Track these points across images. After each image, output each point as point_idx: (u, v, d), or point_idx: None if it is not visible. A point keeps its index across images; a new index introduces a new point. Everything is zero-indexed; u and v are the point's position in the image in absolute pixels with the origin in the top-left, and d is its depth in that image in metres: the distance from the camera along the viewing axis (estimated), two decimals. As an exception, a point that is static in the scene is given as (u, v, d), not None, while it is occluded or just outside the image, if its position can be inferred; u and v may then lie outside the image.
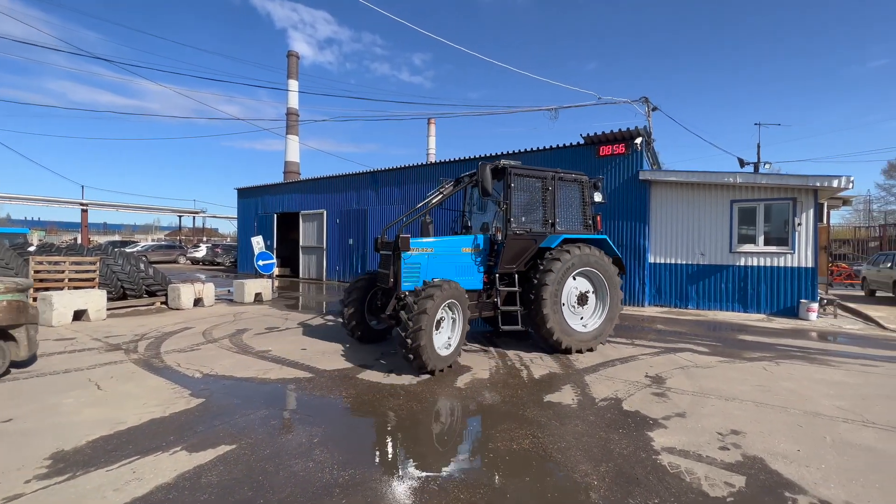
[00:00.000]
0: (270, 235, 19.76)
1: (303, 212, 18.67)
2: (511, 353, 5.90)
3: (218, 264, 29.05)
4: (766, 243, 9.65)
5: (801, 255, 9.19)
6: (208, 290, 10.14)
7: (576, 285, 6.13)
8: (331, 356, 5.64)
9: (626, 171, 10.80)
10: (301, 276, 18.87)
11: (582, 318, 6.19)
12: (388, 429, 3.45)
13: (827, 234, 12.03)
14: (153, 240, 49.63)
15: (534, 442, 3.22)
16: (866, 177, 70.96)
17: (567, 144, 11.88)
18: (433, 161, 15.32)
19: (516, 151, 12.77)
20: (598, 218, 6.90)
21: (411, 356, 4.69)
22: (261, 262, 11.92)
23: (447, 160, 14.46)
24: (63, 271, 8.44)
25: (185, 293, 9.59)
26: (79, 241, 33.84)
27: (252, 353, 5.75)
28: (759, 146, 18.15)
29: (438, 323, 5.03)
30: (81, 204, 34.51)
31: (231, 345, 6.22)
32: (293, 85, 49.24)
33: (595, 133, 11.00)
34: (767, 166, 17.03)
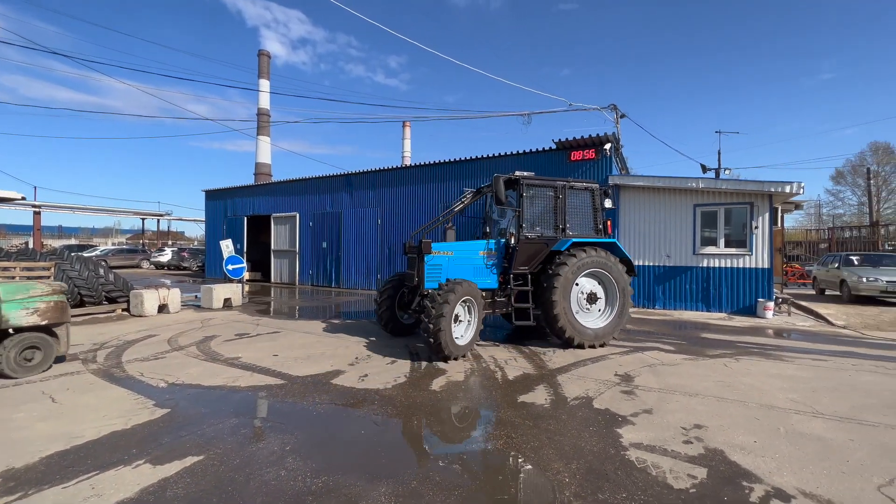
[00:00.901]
0: (240, 239, 19.20)
1: (274, 214, 18.24)
2: (486, 356, 5.95)
3: (184, 269, 27.98)
4: (727, 245, 10.14)
5: (758, 256, 9.71)
6: (174, 296, 9.76)
7: (585, 285, 6.61)
8: (304, 362, 5.54)
9: (596, 175, 11.11)
10: (273, 280, 18.42)
11: (591, 316, 6.63)
12: (362, 433, 3.43)
13: (781, 236, 12.74)
14: (114, 244, 47.30)
15: (508, 442, 3.27)
16: (817, 183, 75.60)
17: (540, 149, 12.12)
18: (408, 164, 15.29)
19: (491, 155, 12.93)
20: (609, 223, 7.23)
21: (432, 340, 5.38)
22: (230, 267, 11.57)
23: (422, 163, 14.47)
24: (14, 277, 7.92)
25: (149, 299, 9.20)
26: (31, 245, 31.86)
27: (221, 361, 5.57)
28: (719, 153, 19.07)
29: (456, 318, 5.69)
30: (33, 206, 32.50)
31: (199, 352, 6.01)
32: (264, 85, 48.11)
33: (567, 139, 11.28)
34: (727, 172, 17.92)
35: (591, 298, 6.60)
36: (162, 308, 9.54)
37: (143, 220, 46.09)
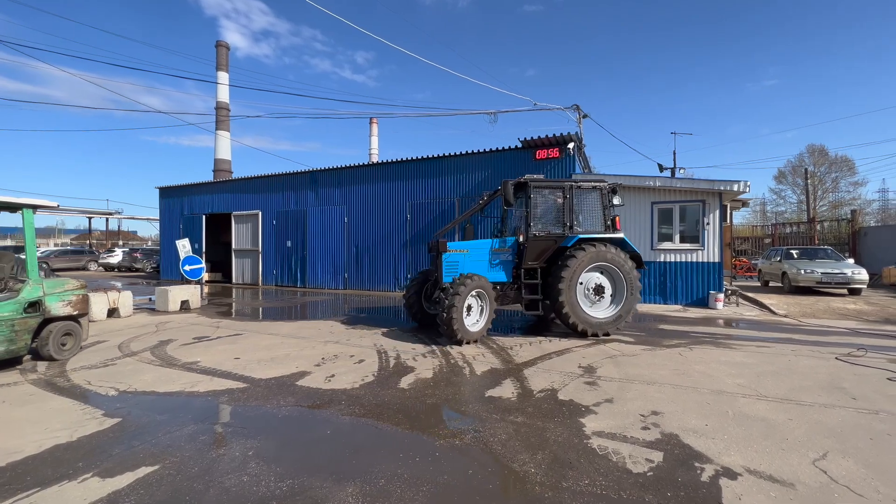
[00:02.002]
0: (199, 238, 18.37)
1: (235, 213, 17.56)
2: (454, 352, 5.99)
3: (137, 270, 26.45)
4: (682, 241, 10.69)
5: (710, 251, 10.29)
6: (125, 299, 9.20)
7: (592, 278, 7.05)
8: (267, 365, 5.38)
9: (561, 173, 11.41)
10: (234, 281, 17.74)
11: (599, 307, 7.06)
12: (328, 434, 3.37)
13: (730, 232, 13.55)
14: (57, 244, 43.97)
15: (476, 436, 3.31)
16: (762, 182, 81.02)
17: (507, 147, 12.30)
18: (375, 161, 15.11)
19: (460, 153, 12.99)
20: (617, 219, 7.51)
21: (445, 327, 6.21)
22: (187, 267, 11.04)
23: (389, 161, 14.35)
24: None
25: (97, 303, 8.63)
26: (-42, 246, 29.07)
27: (178, 366, 5.32)
28: (675, 153, 20.04)
29: (469, 308, 6.54)
30: (-39, 204, 29.61)
31: (153, 357, 5.71)
32: (223, 77, 46.06)
33: (532, 137, 11.50)
34: (682, 171, 18.88)
35: (598, 291, 7.02)
36: (112, 312, 8.98)
37: (89, 218, 43.13)
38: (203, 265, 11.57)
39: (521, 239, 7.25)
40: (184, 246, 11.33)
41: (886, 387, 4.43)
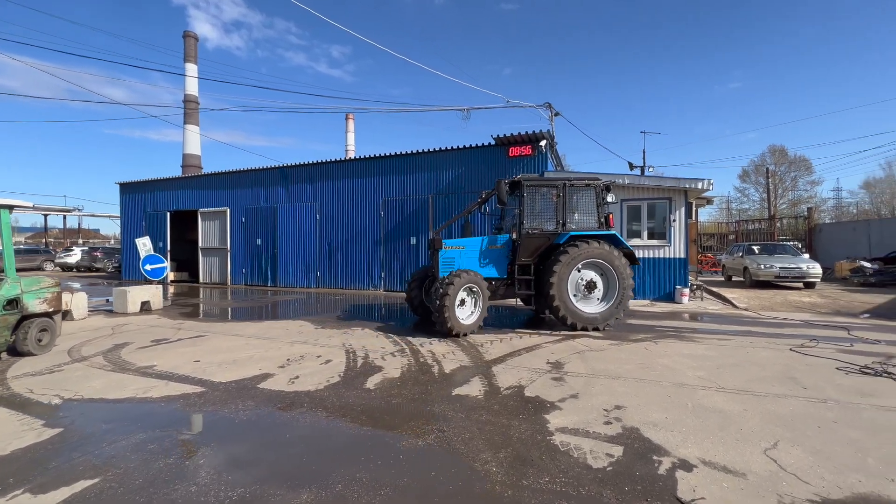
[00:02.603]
0: (163, 236, 17.65)
1: (202, 210, 16.94)
2: (424, 351, 5.93)
3: (98, 270, 25.23)
4: (650, 237, 10.95)
5: (676, 247, 10.59)
6: (79, 300, 8.72)
7: (584, 274, 7.21)
8: (229, 367, 5.18)
9: (534, 171, 11.48)
10: (202, 280, 17.13)
11: (591, 303, 7.24)
12: (287, 438, 3.25)
13: (696, 228, 14.00)
14: (8, 243, 41.46)
15: (439, 436, 3.27)
16: (728, 181, 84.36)
17: (481, 144, 12.30)
18: (349, 157, 14.82)
19: (434, 150, 12.92)
20: (611, 216, 7.61)
21: (439, 319, 6.55)
22: (148, 267, 10.57)
23: (362, 157, 14.13)
24: None
25: (47, 305, 8.12)
26: None
27: (132, 371, 5.05)
28: (644, 152, 20.57)
29: (463, 301, 6.81)
30: None
31: (105, 362, 5.41)
32: (191, 69, 44.33)
33: (505, 135, 11.53)
34: (651, 169, 19.40)
35: (590, 286, 7.18)
36: (65, 314, 8.47)
37: (45, 216, 40.85)
38: (166, 264, 11.09)
39: (513, 236, 7.42)
40: (144, 244, 10.84)
41: (834, 376, 4.64)
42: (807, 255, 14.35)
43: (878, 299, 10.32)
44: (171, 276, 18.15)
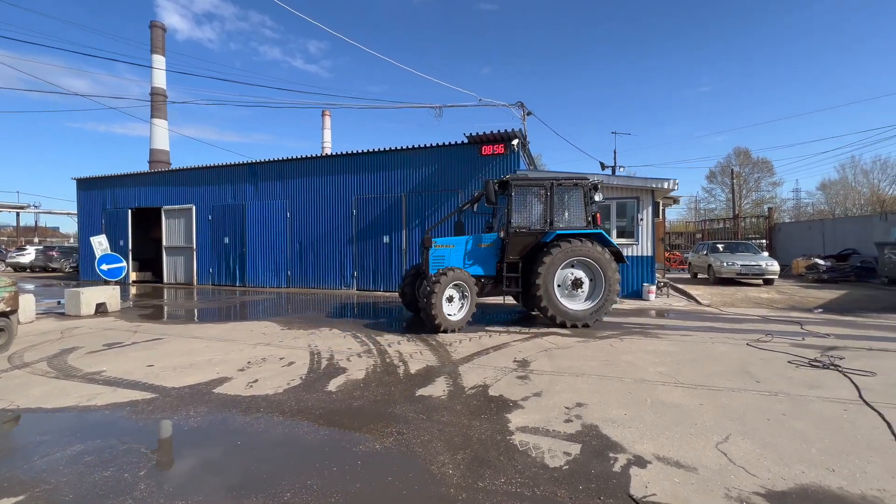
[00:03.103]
0: (124, 234, 16.88)
1: (166, 207, 16.28)
2: (392, 351, 5.85)
3: (54, 270, 23.92)
4: (620, 236, 11.17)
5: (643, 245, 10.85)
6: (25, 303, 8.18)
7: (570, 272, 7.31)
8: (184, 371, 4.95)
9: (506, 169, 11.53)
10: (166, 280, 16.46)
11: (577, 300, 7.35)
12: (238, 445, 3.11)
13: (663, 227, 14.39)
14: (-46, 242, 38.77)
15: (398, 439, 3.20)
16: (696, 181, 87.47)
17: (453, 143, 12.26)
18: (319, 154, 14.50)
19: (407, 147, 12.79)
20: (598, 215, 7.71)
21: (426, 315, 6.71)
22: (104, 267, 10.05)
23: (334, 154, 13.89)
24: None
25: (-11, 308, 7.59)
26: None
27: (78, 377, 4.76)
28: (615, 152, 21.05)
29: (451, 298, 6.99)
30: None
31: (49, 369, 5.08)
32: (158, 61, 42.62)
33: (478, 133, 11.53)
34: (622, 169, 19.80)
35: (577, 284, 7.30)
36: (9, 318, 7.94)
37: (-5, 213, 38.46)
38: (124, 264, 10.57)
39: (501, 234, 7.54)
40: (100, 243, 10.29)
41: (786, 369, 4.82)
42: (766, 254, 14.98)
43: (830, 295, 10.85)
44: (134, 277, 17.39)
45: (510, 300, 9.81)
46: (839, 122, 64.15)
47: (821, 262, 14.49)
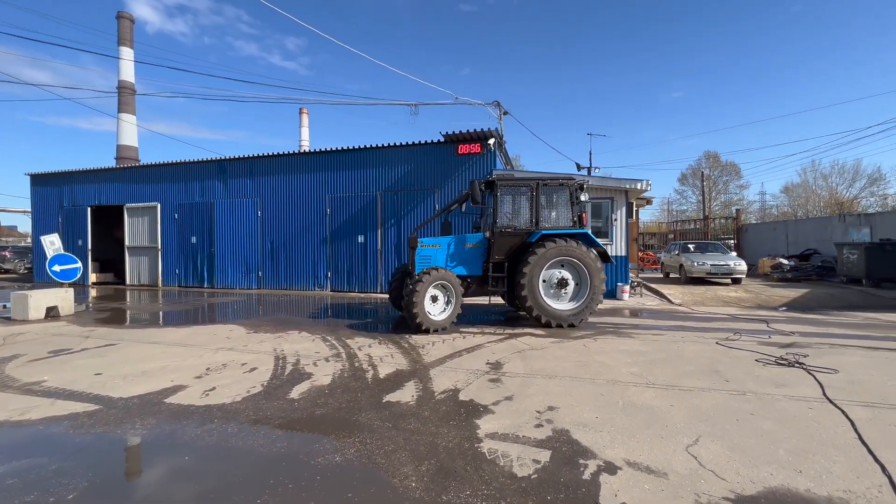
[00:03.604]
0: (83, 234, 16.01)
1: (128, 205, 15.51)
2: (362, 355, 5.64)
3: (7, 272, 22.49)
4: (595, 236, 11.23)
5: (617, 245, 10.95)
6: (-35, 308, 7.57)
7: (556, 272, 7.27)
8: (136, 380, 4.62)
9: (483, 169, 11.46)
10: (129, 282, 15.68)
11: (562, 300, 7.31)
12: (185, 462, 2.87)
13: (636, 228, 14.62)
14: None
15: (360, 450, 3.02)
16: (668, 184, 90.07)
17: (430, 141, 12.10)
18: (292, 150, 14.07)
19: (383, 145, 12.56)
20: (584, 215, 7.67)
21: (409, 315, 6.67)
22: (56, 268, 9.45)
23: (307, 151, 13.51)
24: None
25: (-78, 314, 7.00)
26: None
27: (13, 388, 4.37)
28: (590, 153, 21.39)
29: (435, 298, 6.98)
30: None
31: (-18, 379, 4.65)
32: (126, 54, 40.85)
33: (454, 132, 11.41)
34: (598, 170, 20.10)
35: (562, 284, 7.26)
36: (-55, 324, 7.34)
37: (-58, 210, 36.01)
38: (78, 265, 9.96)
39: (487, 234, 7.51)
40: (52, 242, 9.67)
41: (754, 368, 4.87)
42: (735, 254, 15.43)
43: (794, 293, 11.23)
44: (94, 278, 16.51)
45: (496, 300, 9.73)
46: (801, 127, 67.22)
47: (785, 261, 15.03)
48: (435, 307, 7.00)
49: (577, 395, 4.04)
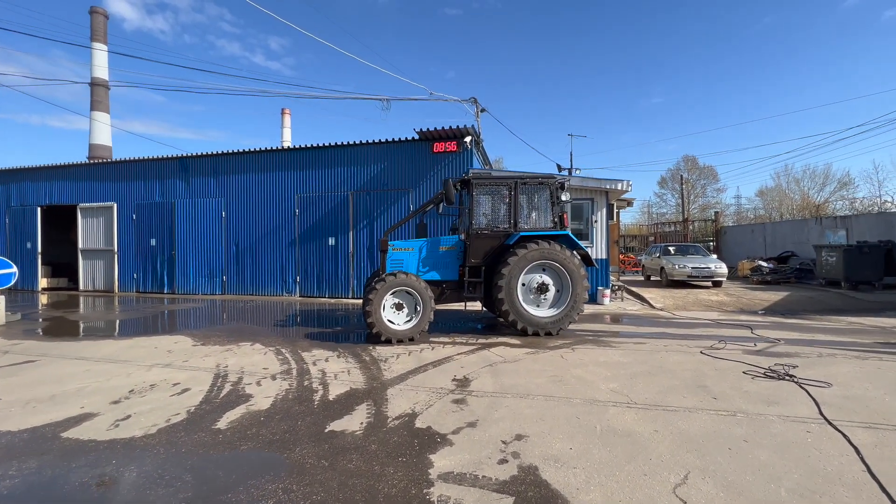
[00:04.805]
0: (32, 236, 14.92)
1: (82, 205, 14.49)
2: (315, 370, 5.05)
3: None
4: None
5: (598, 248, 10.60)
6: None
7: (535, 276, 6.80)
8: (40, 406, 3.93)
9: (459, 168, 10.98)
10: (83, 287, 14.64)
11: (542, 306, 6.84)
12: (50, 527, 2.25)
13: (617, 230, 14.36)
14: None
15: (282, 499, 2.45)
16: (648, 187, 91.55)
17: (404, 139, 11.56)
18: (258, 148, 13.32)
19: (354, 143, 11.96)
20: (565, 216, 7.17)
21: (368, 326, 6.31)
22: (-14, 273, 8.52)
23: (274, 148, 12.78)
24: None
25: None
26: None
27: None
28: (571, 154, 21.20)
29: (401, 305, 6.52)
30: None
31: None
32: (100, 51, 39.17)
33: (429, 129, 10.90)
34: (578, 171, 19.87)
35: (542, 289, 6.79)
36: None
37: None
38: (13, 269, 9.04)
39: (462, 237, 7.10)
40: (-18, 245, 8.73)
41: (742, 381, 4.48)
42: (715, 256, 15.32)
43: (775, 297, 11.07)
44: (45, 284, 15.38)
45: (472, 306, 9.22)
46: (776, 132, 69.07)
47: (764, 264, 14.98)
48: (399, 316, 6.51)
49: (550, 420, 3.54)
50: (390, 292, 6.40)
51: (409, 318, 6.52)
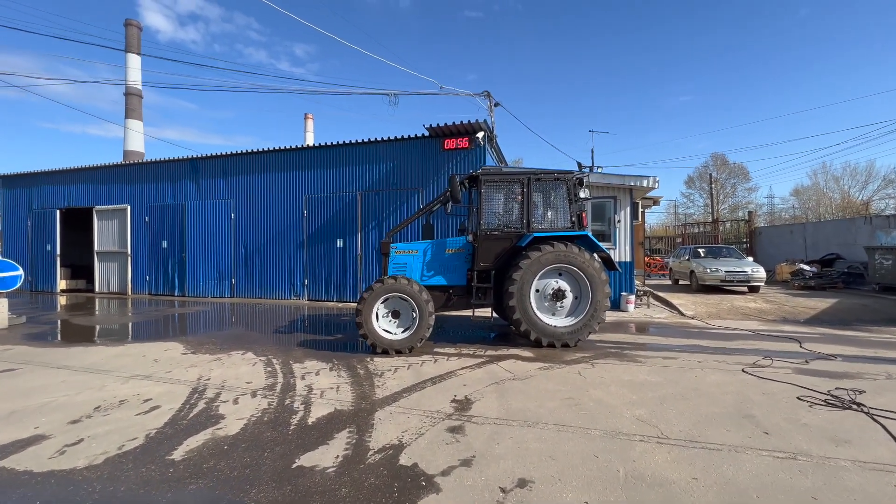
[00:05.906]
0: (52, 238, 15.14)
1: (98, 207, 14.61)
2: (302, 385, 4.57)
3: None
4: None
5: (621, 250, 9.83)
6: None
7: (550, 282, 6.20)
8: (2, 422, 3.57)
9: (472, 165, 10.40)
10: (98, 289, 14.75)
11: (559, 314, 6.23)
12: None
13: (642, 230, 13.47)
14: None
15: (213, 570, 1.93)
16: (675, 187, 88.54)
17: (413, 136, 11.07)
18: (269, 148, 13.08)
19: (364, 141, 11.55)
20: (584, 215, 6.55)
21: (362, 336, 5.91)
22: (-9, 276, 8.46)
23: (282, 148, 12.50)
24: None
25: None
26: None
27: None
28: (592, 151, 20.31)
29: (397, 313, 6.03)
30: None
31: None
32: (134, 61, 40.66)
33: (440, 125, 10.36)
34: (600, 169, 18.96)
35: (558, 296, 6.17)
36: None
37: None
38: (19, 272, 8.97)
39: (470, 238, 6.52)
40: (-12, 247, 8.69)
41: (797, 410, 3.74)
42: (751, 259, 14.22)
43: (822, 304, 10.01)
44: (63, 285, 15.60)
45: (480, 312, 8.60)
46: (811, 128, 65.49)
47: (806, 267, 13.79)
48: (393, 324, 6.03)
49: (562, 458, 2.92)
50: (381, 300, 5.92)
51: (406, 328, 5.99)
